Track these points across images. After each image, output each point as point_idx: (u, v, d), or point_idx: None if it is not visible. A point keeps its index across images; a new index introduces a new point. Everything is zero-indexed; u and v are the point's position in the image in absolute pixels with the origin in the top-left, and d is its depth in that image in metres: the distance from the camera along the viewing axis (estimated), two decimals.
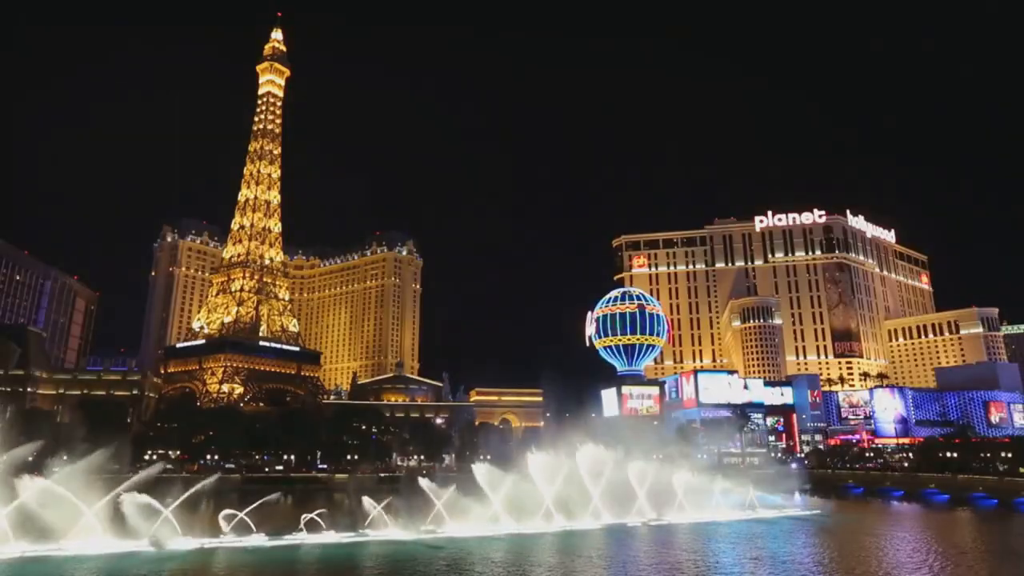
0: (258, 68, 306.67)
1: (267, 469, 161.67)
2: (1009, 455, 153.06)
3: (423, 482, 75.70)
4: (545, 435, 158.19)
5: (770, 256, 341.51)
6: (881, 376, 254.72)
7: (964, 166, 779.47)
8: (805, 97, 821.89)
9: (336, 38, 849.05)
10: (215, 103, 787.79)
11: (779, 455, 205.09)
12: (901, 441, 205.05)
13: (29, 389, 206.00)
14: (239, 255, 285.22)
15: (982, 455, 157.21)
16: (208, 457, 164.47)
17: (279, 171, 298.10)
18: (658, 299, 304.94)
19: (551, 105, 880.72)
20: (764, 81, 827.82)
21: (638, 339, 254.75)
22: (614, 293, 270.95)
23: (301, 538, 66.22)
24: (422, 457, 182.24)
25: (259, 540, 64.39)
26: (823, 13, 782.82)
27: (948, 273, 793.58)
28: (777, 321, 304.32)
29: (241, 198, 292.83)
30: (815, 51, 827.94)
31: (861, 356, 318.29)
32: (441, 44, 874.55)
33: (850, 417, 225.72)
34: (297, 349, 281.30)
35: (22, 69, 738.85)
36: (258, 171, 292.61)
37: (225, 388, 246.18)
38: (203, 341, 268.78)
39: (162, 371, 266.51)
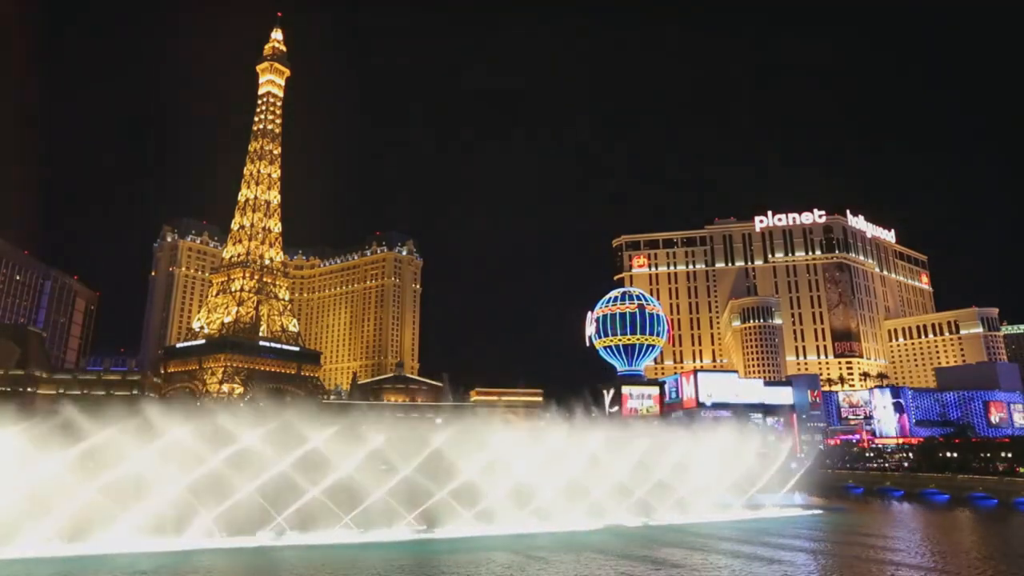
0: (258, 68, 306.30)
1: None
2: (1009, 455, 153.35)
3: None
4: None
5: (770, 256, 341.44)
6: (881, 376, 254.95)
7: (964, 166, 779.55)
8: (805, 96, 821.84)
9: (335, 37, 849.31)
10: (215, 102, 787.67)
11: None
12: (901, 441, 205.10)
13: (29, 389, 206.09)
14: (239, 255, 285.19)
15: (982, 455, 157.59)
16: None
17: (279, 171, 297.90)
18: (658, 299, 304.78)
19: (551, 105, 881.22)
20: (764, 81, 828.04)
21: (638, 339, 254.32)
22: (614, 293, 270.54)
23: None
24: None
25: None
26: (828, 13, 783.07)
27: (948, 273, 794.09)
28: (777, 321, 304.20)
29: (241, 198, 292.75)
30: (814, 51, 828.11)
31: (861, 356, 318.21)
32: (440, 43, 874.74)
33: (850, 417, 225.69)
34: (297, 349, 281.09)
35: (23, 68, 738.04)
36: (258, 171, 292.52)
37: (225, 388, 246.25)
38: (203, 341, 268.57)
39: (162, 371, 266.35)
